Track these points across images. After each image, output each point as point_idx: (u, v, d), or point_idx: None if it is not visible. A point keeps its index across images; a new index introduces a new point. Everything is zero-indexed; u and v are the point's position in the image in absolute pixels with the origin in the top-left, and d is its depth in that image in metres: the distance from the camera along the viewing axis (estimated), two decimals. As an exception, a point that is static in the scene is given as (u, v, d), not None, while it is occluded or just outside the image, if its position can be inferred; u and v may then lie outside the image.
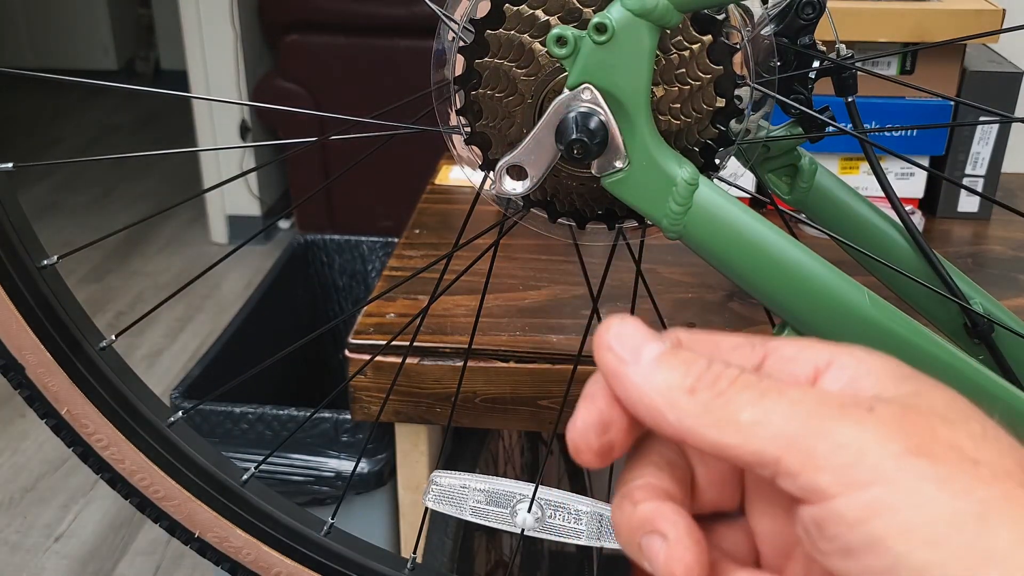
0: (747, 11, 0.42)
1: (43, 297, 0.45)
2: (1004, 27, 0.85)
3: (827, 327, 0.39)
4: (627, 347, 0.25)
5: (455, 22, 0.41)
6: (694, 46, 0.38)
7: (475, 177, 0.44)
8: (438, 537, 0.77)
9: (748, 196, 0.83)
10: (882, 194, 0.53)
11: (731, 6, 0.40)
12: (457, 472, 0.50)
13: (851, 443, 0.22)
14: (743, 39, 0.40)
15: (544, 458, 1.14)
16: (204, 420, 1.09)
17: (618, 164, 0.38)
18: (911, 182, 0.96)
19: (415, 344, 0.73)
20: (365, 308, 0.80)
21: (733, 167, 0.45)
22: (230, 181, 0.61)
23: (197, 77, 2.68)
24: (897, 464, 0.22)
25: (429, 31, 0.42)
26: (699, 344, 0.27)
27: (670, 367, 0.25)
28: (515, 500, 0.50)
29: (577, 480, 1.20)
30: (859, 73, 0.50)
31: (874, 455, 0.22)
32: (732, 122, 0.39)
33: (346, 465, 1.06)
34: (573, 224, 0.44)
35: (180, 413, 0.50)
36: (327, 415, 1.06)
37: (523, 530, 0.50)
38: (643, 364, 0.25)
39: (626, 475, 0.27)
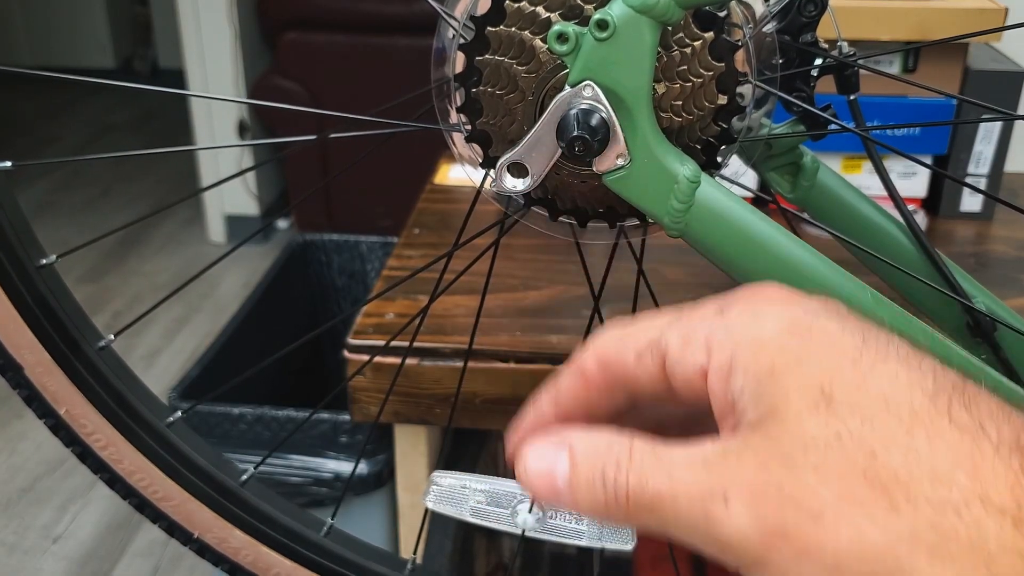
0: (749, 8, 0.42)
1: (41, 296, 0.45)
2: (1007, 25, 0.85)
3: (830, 326, 0.39)
4: (543, 478, 0.29)
5: (455, 19, 0.41)
6: (696, 43, 0.38)
7: (475, 175, 0.43)
8: (438, 539, 0.76)
9: (751, 194, 0.83)
10: (885, 193, 0.53)
11: (733, 3, 0.40)
12: (457, 472, 0.50)
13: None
14: (745, 36, 0.40)
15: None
16: (202, 421, 1.09)
17: (620, 161, 0.37)
18: (914, 181, 0.96)
19: (414, 345, 0.73)
20: (364, 308, 0.80)
21: (735, 165, 0.45)
22: (228, 180, 0.60)
23: (195, 75, 2.68)
24: None
25: (428, 29, 0.42)
26: (608, 368, 0.30)
27: (579, 487, 0.28)
28: (516, 500, 0.49)
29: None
30: (861, 71, 0.50)
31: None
32: (734, 120, 0.39)
33: (345, 466, 1.06)
34: (574, 222, 0.44)
35: (179, 413, 0.50)
36: (326, 416, 1.06)
37: (524, 531, 0.49)
38: (563, 492, 0.28)
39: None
